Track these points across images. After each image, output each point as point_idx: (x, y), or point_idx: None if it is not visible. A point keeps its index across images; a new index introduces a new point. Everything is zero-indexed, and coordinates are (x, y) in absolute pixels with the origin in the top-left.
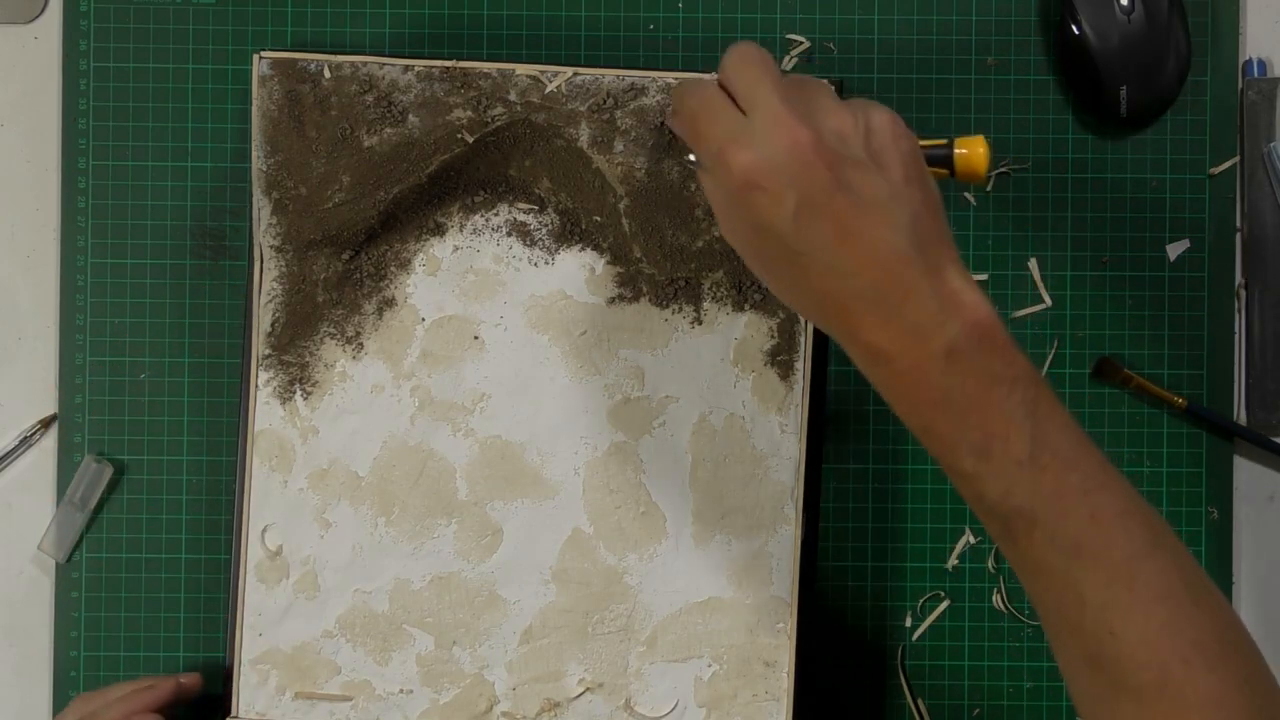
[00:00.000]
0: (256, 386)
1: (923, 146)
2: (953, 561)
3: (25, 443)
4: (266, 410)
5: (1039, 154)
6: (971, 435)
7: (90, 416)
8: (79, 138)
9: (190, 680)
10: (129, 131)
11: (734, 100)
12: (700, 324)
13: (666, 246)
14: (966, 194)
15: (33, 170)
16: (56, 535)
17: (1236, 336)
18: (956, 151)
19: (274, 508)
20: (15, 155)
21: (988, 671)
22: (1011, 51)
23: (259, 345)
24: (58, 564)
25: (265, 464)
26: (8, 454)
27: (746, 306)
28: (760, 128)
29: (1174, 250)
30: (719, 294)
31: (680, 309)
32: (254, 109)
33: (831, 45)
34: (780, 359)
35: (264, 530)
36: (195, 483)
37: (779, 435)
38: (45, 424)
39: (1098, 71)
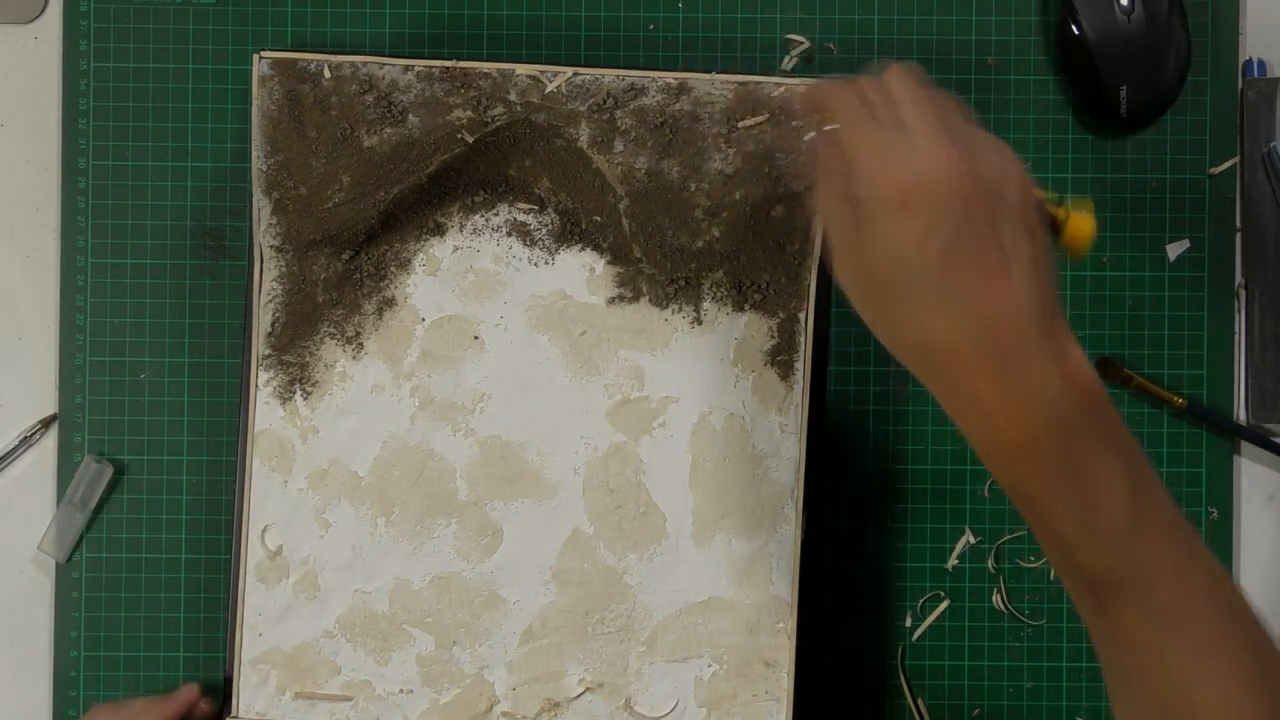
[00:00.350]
0: (256, 386)
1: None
2: (953, 561)
3: (25, 443)
4: (266, 410)
5: (1039, 154)
6: (1075, 504)
7: (90, 416)
8: (79, 138)
9: (208, 705)
10: (129, 131)
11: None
12: (700, 324)
13: (666, 246)
14: None
15: (33, 170)
16: (56, 535)
17: (1236, 336)
18: (1069, 224)
19: (274, 508)
20: (15, 155)
21: (988, 671)
22: (1011, 51)
23: (259, 345)
24: (58, 564)
25: (265, 464)
26: (8, 454)
27: (746, 306)
28: (922, 152)
29: (1174, 250)
30: (719, 294)
31: (680, 309)
32: (254, 109)
33: (832, 45)
34: (780, 359)
35: (264, 530)
36: (195, 483)
37: (779, 435)
38: (45, 424)
39: (1098, 71)
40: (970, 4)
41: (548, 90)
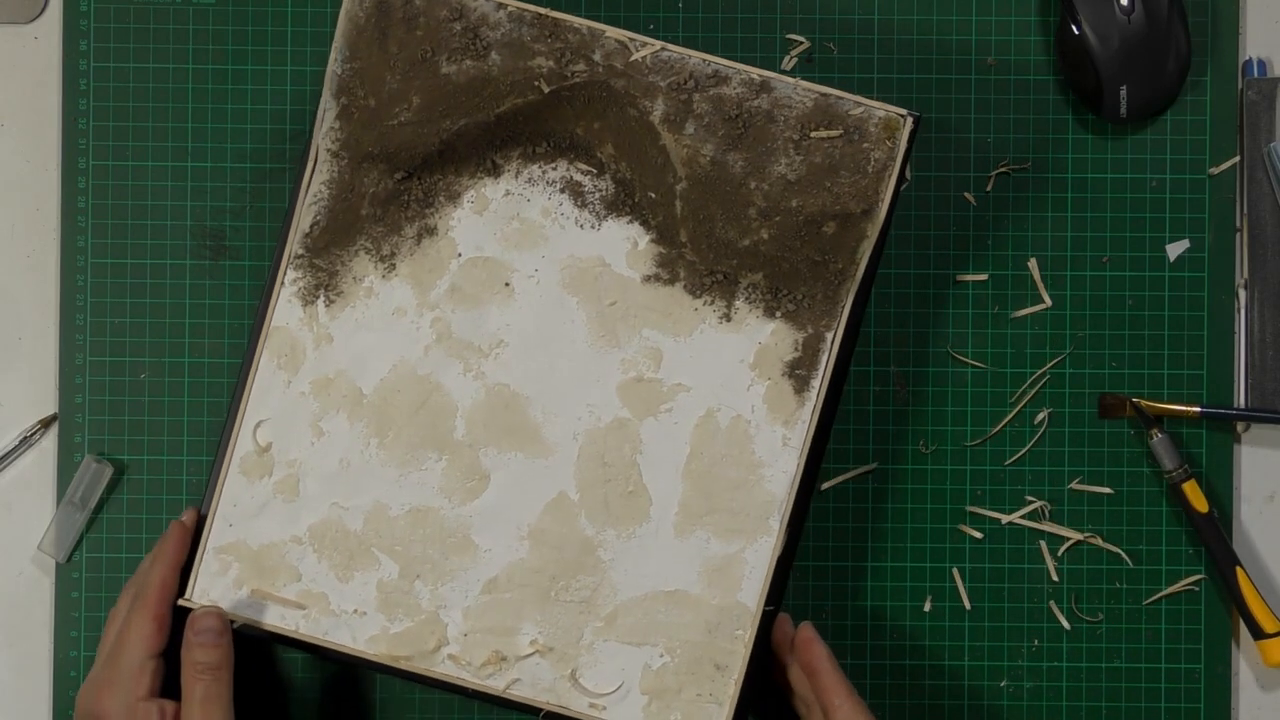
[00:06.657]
0: (283, 283)
1: None
2: (952, 564)
3: (25, 443)
4: (287, 309)
5: (1039, 154)
6: None
7: (90, 416)
8: (79, 138)
9: (189, 517)
10: (129, 131)
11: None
12: (728, 321)
13: (713, 238)
14: (966, 194)
15: (33, 170)
16: (56, 535)
17: (1236, 336)
18: None
19: (272, 405)
20: (15, 155)
21: (988, 671)
22: (1011, 51)
23: (294, 244)
24: (58, 564)
25: (273, 360)
26: (8, 454)
27: (778, 314)
28: None
29: (1174, 250)
30: (753, 296)
31: (712, 302)
32: (342, 10)
33: (831, 45)
34: (799, 373)
35: (257, 425)
36: (195, 483)
37: (780, 448)
38: (45, 424)
39: (1098, 71)
40: (970, 4)
41: (632, 58)
